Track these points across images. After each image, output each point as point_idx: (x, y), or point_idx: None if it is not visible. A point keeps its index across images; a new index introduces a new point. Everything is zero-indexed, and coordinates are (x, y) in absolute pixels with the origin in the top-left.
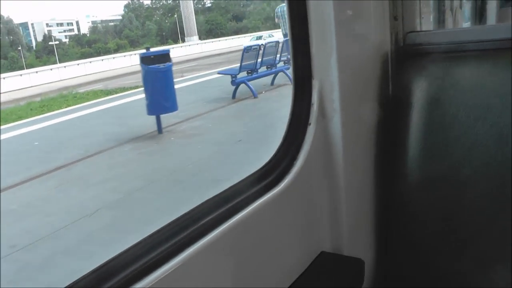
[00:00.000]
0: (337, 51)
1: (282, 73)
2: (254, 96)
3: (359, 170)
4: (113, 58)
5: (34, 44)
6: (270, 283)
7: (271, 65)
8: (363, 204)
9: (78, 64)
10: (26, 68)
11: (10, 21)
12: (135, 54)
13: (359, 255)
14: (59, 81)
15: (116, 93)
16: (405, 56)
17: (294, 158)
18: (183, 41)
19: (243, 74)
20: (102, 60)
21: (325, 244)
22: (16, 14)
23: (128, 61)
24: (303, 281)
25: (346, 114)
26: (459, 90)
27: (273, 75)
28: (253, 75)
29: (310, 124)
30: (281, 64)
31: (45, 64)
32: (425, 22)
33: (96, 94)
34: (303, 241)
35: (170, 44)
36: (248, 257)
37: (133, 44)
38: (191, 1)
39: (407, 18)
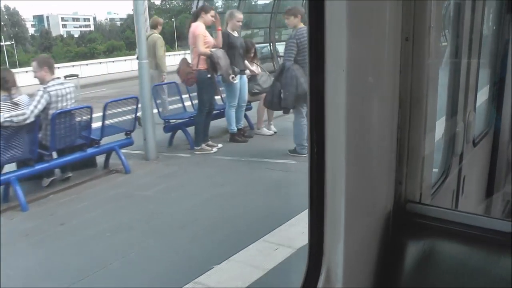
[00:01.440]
0: (345, 228)
1: None
2: None
3: None
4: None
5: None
6: None
7: None
8: None
9: (58, 68)
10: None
11: (16, 13)
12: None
13: None
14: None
15: None
16: (403, 223)
17: None
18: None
19: None
20: (87, 64)
21: None
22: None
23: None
24: None
25: (348, 279)
26: (440, 265)
27: None
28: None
29: None
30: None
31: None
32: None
33: None
34: None
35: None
36: None
37: (132, 47)
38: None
39: (409, 184)
